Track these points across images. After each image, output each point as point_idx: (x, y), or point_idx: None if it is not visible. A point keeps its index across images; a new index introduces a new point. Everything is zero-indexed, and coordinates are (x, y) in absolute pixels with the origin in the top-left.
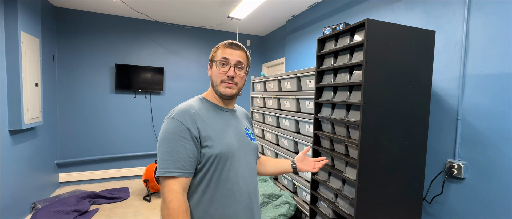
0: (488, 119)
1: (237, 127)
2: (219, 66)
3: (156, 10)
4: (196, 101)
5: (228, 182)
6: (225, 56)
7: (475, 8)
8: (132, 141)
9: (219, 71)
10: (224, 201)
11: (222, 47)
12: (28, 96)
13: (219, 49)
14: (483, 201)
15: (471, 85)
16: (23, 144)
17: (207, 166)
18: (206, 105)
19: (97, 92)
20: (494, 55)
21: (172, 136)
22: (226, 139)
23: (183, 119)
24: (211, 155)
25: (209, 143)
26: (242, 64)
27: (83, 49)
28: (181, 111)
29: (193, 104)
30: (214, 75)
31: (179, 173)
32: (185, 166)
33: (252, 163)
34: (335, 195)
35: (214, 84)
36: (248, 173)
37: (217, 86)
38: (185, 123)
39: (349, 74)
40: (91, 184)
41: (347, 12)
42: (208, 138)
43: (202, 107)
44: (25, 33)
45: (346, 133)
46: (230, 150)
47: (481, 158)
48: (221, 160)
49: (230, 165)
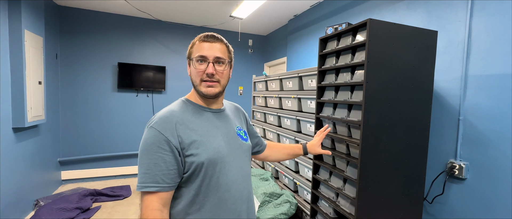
0: (490, 119)
1: (226, 128)
2: (196, 64)
3: (159, 9)
4: (179, 105)
5: (219, 190)
6: (201, 53)
7: (477, 8)
8: (133, 139)
9: (197, 70)
10: (215, 211)
11: (198, 42)
12: (32, 94)
13: (195, 44)
14: (484, 201)
15: (473, 85)
16: (26, 141)
17: (194, 175)
18: (189, 107)
19: (99, 91)
20: (496, 56)
21: (150, 147)
22: (213, 144)
23: (161, 128)
24: (198, 163)
25: (194, 151)
26: (222, 59)
27: (85, 48)
28: (160, 119)
29: (175, 109)
30: (193, 74)
31: (157, 188)
32: (164, 179)
33: (245, 166)
34: (336, 194)
35: (194, 84)
36: (241, 178)
37: (197, 86)
38: (164, 133)
39: (351, 74)
40: (93, 182)
41: (349, 12)
42: (192, 145)
43: (186, 110)
44: (28, 31)
45: (347, 132)
46: (219, 156)
47: (483, 159)
48: (210, 167)
49: (219, 172)
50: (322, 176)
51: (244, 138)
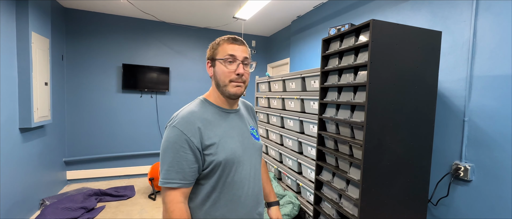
0: (496, 121)
1: (241, 129)
2: (225, 63)
3: (163, 10)
4: (199, 105)
5: (233, 187)
6: (231, 52)
7: (483, 8)
8: (137, 140)
9: (228, 70)
10: (229, 205)
11: (224, 43)
12: (38, 95)
13: (222, 45)
14: (490, 203)
15: (479, 86)
16: (32, 141)
17: (212, 173)
18: (208, 108)
19: (104, 92)
20: (502, 56)
21: (173, 145)
22: (230, 144)
23: (184, 128)
24: (217, 162)
25: (213, 150)
26: (248, 60)
27: (91, 49)
28: (182, 120)
29: (195, 109)
30: (221, 74)
31: (179, 184)
32: (186, 177)
33: (257, 164)
34: (339, 195)
35: (221, 84)
36: (253, 175)
37: (225, 86)
38: (186, 133)
39: (354, 74)
40: (98, 182)
41: (352, 13)
42: (212, 145)
43: (205, 111)
44: (35, 33)
45: (350, 133)
46: (235, 156)
47: (488, 161)
48: (227, 166)
49: (235, 170)
50: (325, 177)
51: (257, 137)
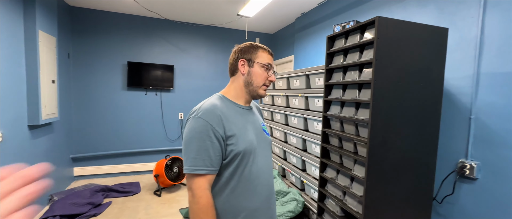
0: (503, 118)
1: (254, 123)
2: (264, 69)
3: (167, 8)
4: (218, 99)
5: (251, 176)
6: (270, 62)
7: (491, 4)
8: (143, 137)
9: (265, 75)
10: (246, 194)
11: (264, 52)
12: (45, 92)
13: (261, 52)
14: (496, 202)
15: (486, 83)
16: (40, 138)
17: (231, 162)
18: (227, 103)
19: (109, 89)
20: (510, 53)
21: (199, 135)
22: (248, 136)
23: (209, 118)
24: (236, 152)
25: (234, 141)
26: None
27: (96, 47)
28: (207, 111)
29: (216, 103)
30: (258, 76)
31: (207, 170)
32: (212, 164)
33: (269, 157)
34: (343, 192)
35: (254, 84)
36: (266, 167)
37: (258, 87)
38: (212, 123)
39: (359, 72)
40: (104, 178)
41: (357, 10)
42: (232, 136)
43: (224, 106)
44: (42, 32)
45: (355, 131)
46: (252, 147)
47: (495, 159)
48: (245, 156)
49: (252, 161)
50: (329, 175)
51: (268, 133)
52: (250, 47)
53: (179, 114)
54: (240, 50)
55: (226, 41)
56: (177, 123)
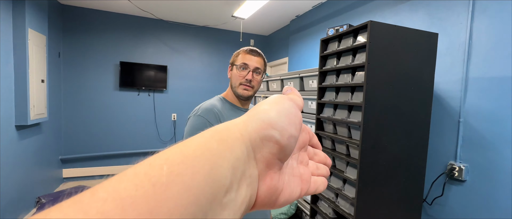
0: (491, 122)
1: None
2: (239, 70)
3: (161, 8)
4: (217, 100)
5: None
6: (245, 61)
7: (479, 10)
8: (135, 138)
9: (239, 75)
10: None
11: (243, 53)
12: (34, 92)
13: (240, 54)
14: (484, 203)
15: (474, 87)
16: (28, 139)
17: None
18: (225, 105)
19: (101, 89)
20: (497, 58)
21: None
22: None
23: (208, 117)
24: None
25: None
26: (259, 70)
27: (88, 47)
28: (206, 110)
29: (216, 103)
30: (234, 77)
31: None
32: None
33: None
34: (335, 194)
35: (233, 85)
36: None
37: (235, 87)
38: (210, 120)
39: (352, 75)
40: (94, 180)
41: (350, 13)
42: None
43: (223, 106)
44: (32, 30)
45: (347, 133)
46: None
47: (483, 161)
48: None
49: None
50: None
51: None
52: (236, 53)
53: (172, 115)
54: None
55: (221, 43)
56: (170, 124)
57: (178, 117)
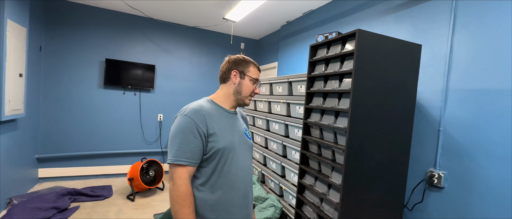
0: (468, 131)
1: (238, 127)
2: (251, 82)
3: (151, 7)
4: (205, 102)
5: (230, 172)
6: (258, 77)
7: (459, 25)
8: (118, 138)
9: (253, 88)
10: (225, 188)
11: (254, 68)
12: (11, 86)
13: (252, 67)
14: (460, 210)
15: (454, 98)
16: (2, 136)
17: (212, 158)
18: (213, 106)
19: (84, 87)
20: (476, 71)
21: (184, 130)
22: (228, 136)
23: (194, 117)
24: (217, 149)
25: (215, 138)
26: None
27: (72, 42)
28: (193, 110)
29: (203, 104)
30: (247, 88)
31: (187, 162)
32: (193, 157)
33: (249, 159)
34: (320, 199)
35: (242, 94)
36: (246, 167)
37: (245, 97)
38: (196, 121)
39: (339, 81)
40: (73, 181)
41: (340, 21)
42: (214, 134)
43: (210, 107)
44: (11, 21)
45: (333, 139)
46: (232, 146)
47: (460, 169)
48: (224, 153)
49: (231, 158)
50: (307, 181)
51: (249, 137)
52: (243, 60)
53: (158, 116)
54: (234, 61)
55: (211, 44)
56: (155, 124)
57: (164, 118)
